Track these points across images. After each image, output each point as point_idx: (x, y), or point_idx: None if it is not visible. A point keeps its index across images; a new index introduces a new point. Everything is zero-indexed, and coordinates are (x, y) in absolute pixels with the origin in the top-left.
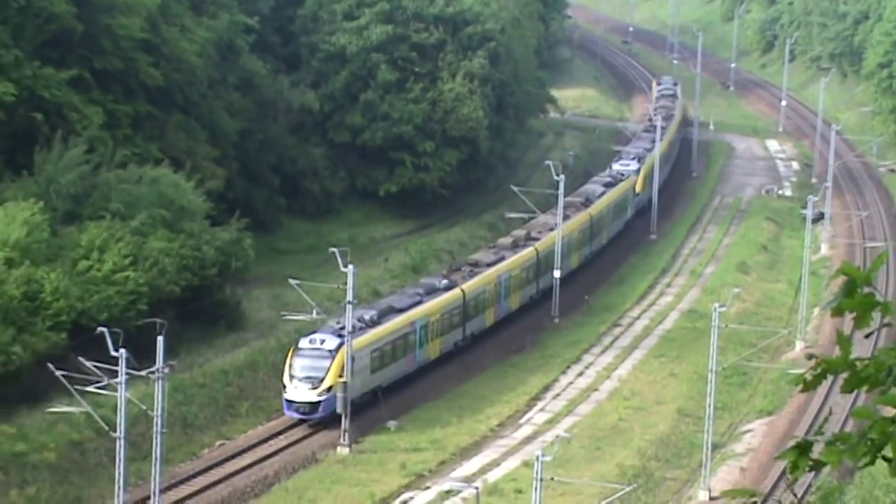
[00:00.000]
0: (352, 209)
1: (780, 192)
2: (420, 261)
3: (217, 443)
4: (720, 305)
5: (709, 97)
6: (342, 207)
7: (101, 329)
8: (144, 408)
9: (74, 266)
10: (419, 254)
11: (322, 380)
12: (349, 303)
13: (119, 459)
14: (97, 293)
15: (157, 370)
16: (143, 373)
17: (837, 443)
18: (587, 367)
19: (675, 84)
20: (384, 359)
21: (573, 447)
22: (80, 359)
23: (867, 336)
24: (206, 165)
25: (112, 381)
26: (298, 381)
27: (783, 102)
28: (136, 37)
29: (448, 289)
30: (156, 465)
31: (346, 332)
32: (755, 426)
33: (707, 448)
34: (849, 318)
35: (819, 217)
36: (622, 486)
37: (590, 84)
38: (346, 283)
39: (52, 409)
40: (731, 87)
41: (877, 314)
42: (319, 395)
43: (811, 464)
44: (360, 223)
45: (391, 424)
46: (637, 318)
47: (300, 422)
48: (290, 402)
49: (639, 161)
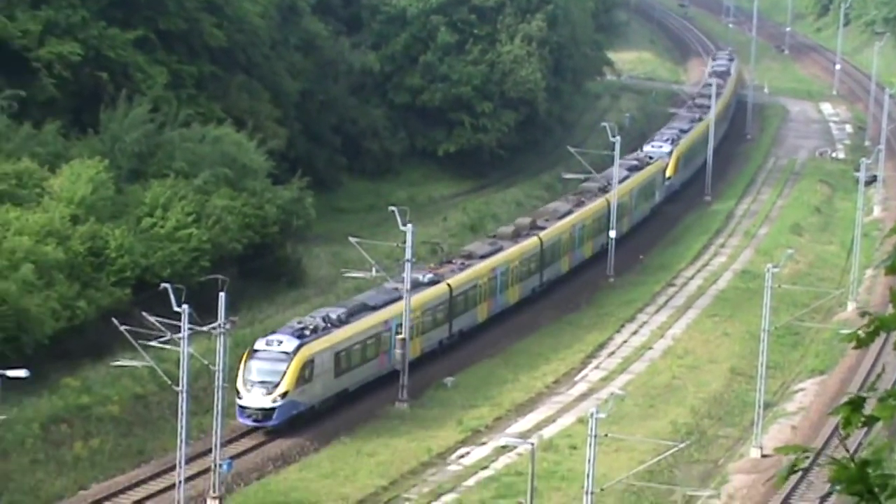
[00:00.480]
0: (411, 169)
1: (834, 155)
2: (478, 220)
3: None
4: (773, 266)
5: (764, 61)
6: (401, 167)
7: (165, 285)
8: (206, 362)
9: (138, 223)
10: (476, 213)
11: (277, 385)
12: (408, 261)
13: (181, 413)
14: (161, 250)
15: (219, 326)
16: (206, 328)
17: (890, 398)
18: (641, 326)
19: (731, 59)
20: (351, 361)
21: (627, 404)
22: (144, 314)
23: None
24: (269, 125)
25: (175, 337)
26: (253, 386)
27: (837, 66)
28: None
29: (433, 283)
30: (217, 419)
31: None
32: (807, 385)
33: (759, 406)
34: None
35: (872, 179)
36: (675, 443)
37: (646, 47)
38: (405, 242)
39: (116, 363)
40: (786, 51)
41: None
42: (274, 402)
43: (864, 419)
44: (419, 183)
45: (448, 381)
46: (691, 278)
47: None
48: (244, 409)
49: (672, 143)
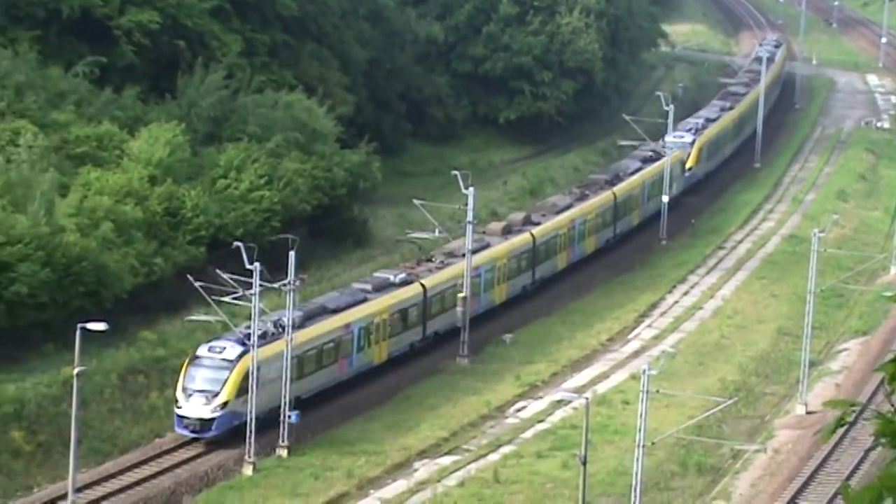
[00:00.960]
0: (473, 135)
1: (879, 125)
2: (537, 184)
3: None
4: (819, 231)
5: (813, 33)
6: (464, 133)
7: (237, 244)
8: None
9: (213, 184)
10: (535, 178)
11: (217, 394)
12: (469, 223)
13: (253, 366)
14: (234, 210)
15: (289, 283)
16: (276, 285)
17: None
18: (692, 287)
19: (777, 46)
20: (304, 367)
21: (678, 362)
22: (218, 271)
23: None
24: (338, 92)
25: (246, 293)
26: (192, 395)
27: (883, 39)
28: None
29: (404, 284)
30: (287, 371)
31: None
32: (850, 345)
33: (804, 365)
34: None
35: None
36: (723, 400)
37: (699, 20)
38: (467, 205)
39: (191, 318)
40: (834, 25)
41: None
42: (213, 412)
43: None
44: (481, 148)
45: (507, 338)
46: (740, 242)
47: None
48: (181, 419)
49: (695, 133)
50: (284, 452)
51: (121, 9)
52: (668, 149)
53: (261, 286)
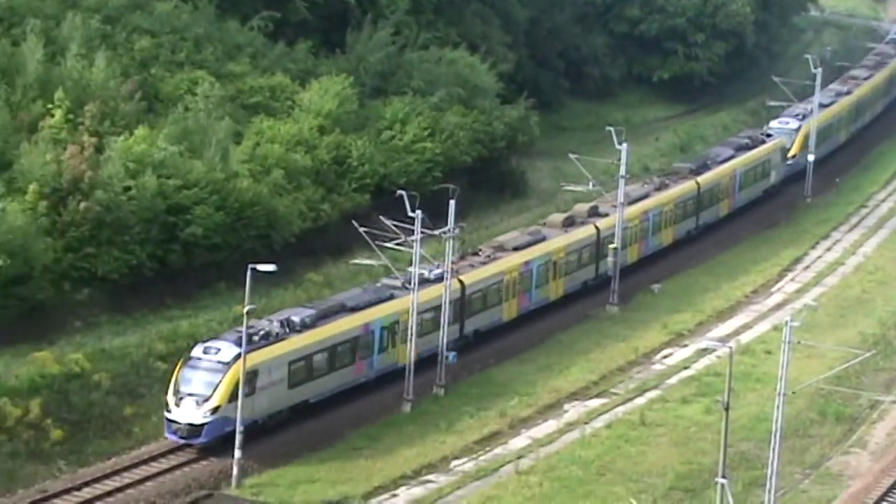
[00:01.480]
0: (628, 93)
1: None
2: (688, 141)
3: None
4: None
5: None
6: (619, 91)
7: (401, 192)
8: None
9: (379, 135)
10: (686, 135)
11: (208, 398)
12: (622, 177)
13: (412, 308)
14: (398, 160)
15: (449, 230)
16: (436, 232)
17: None
18: (835, 243)
19: None
20: (312, 370)
21: (819, 315)
22: (381, 217)
23: None
24: (499, 49)
25: (408, 239)
26: (183, 398)
27: None
28: None
29: (440, 280)
30: (445, 317)
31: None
32: None
33: None
34: None
35: None
36: (862, 352)
37: None
38: (620, 159)
39: (355, 261)
40: None
41: None
42: (204, 417)
43: None
44: (635, 106)
45: (655, 288)
46: (883, 201)
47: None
48: (171, 423)
49: (801, 119)
50: (441, 392)
51: None
52: (772, 135)
53: (422, 233)
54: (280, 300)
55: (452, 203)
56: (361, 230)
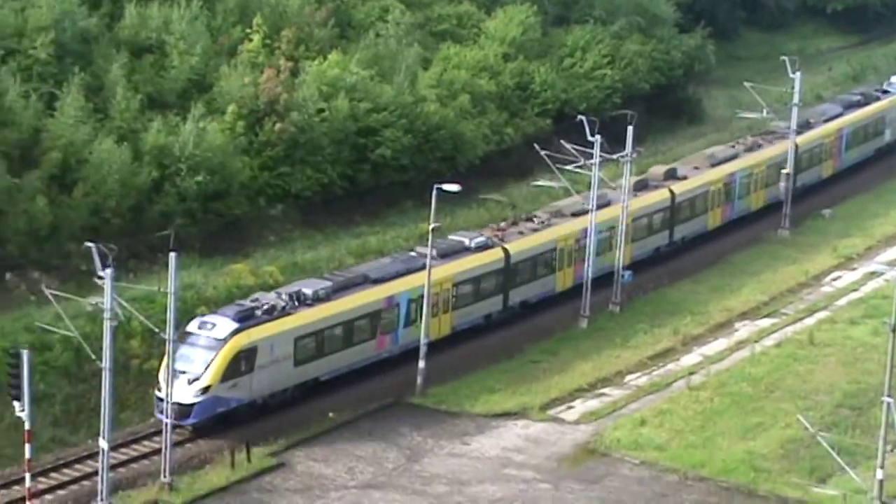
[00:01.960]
0: (802, 23)
1: None
2: (860, 71)
3: None
4: None
5: None
6: (794, 21)
7: (581, 117)
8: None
9: (560, 62)
10: (859, 65)
11: (199, 377)
12: (795, 105)
13: (590, 225)
14: (578, 87)
15: (626, 154)
16: (614, 156)
17: None
18: None
19: None
20: (325, 346)
21: None
22: (562, 142)
23: None
24: None
25: (587, 162)
26: (174, 376)
27: None
28: None
29: (483, 248)
30: (621, 239)
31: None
32: None
33: None
34: None
35: None
36: None
37: None
38: (793, 88)
39: (536, 183)
40: None
41: None
42: (194, 397)
43: None
44: (809, 36)
45: (826, 213)
46: None
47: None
48: (160, 402)
49: None
50: (617, 309)
51: None
52: (890, 91)
53: (601, 157)
54: (464, 219)
55: (630, 128)
56: (543, 153)
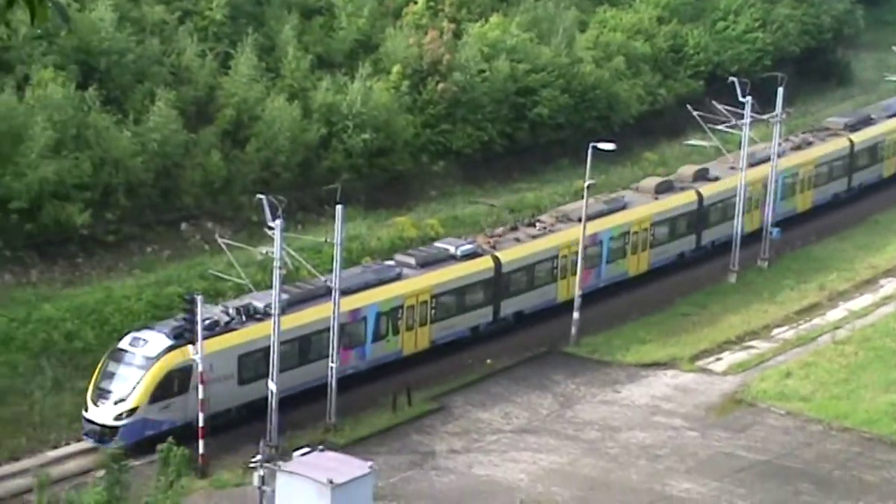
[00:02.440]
0: None
1: None
2: None
3: None
4: None
5: None
6: None
7: (732, 79)
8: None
9: (713, 25)
10: None
11: (125, 398)
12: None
13: (740, 189)
14: (730, 49)
15: (776, 115)
16: (764, 117)
17: None
18: None
19: None
20: (282, 361)
21: None
22: (713, 102)
23: None
24: None
25: (738, 123)
26: (101, 396)
27: None
28: None
29: (469, 256)
30: (768, 200)
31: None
32: None
33: None
34: None
35: None
36: None
37: None
38: None
39: (688, 143)
40: None
41: None
42: (118, 420)
43: None
44: None
45: None
46: None
47: None
48: (88, 422)
49: None
50: (765, 265)
51: None
52: None
53: (751, 117)
54: (618, 176)
55: (780, 90)
56: (695, 114)
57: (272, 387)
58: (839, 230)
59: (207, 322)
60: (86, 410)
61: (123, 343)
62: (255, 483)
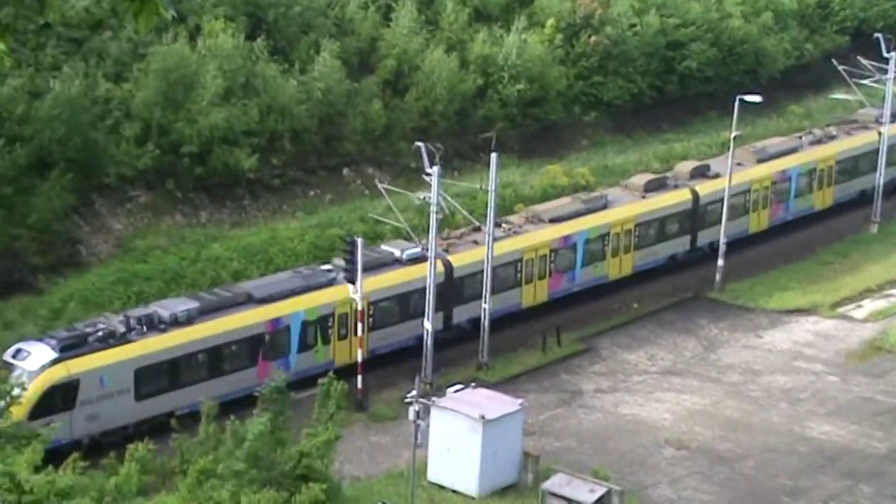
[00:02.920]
0: None
1: None
2: None
3: None
4: None
5: None
6: None
7: (877, 34)
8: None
9: None
10: None
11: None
12: None
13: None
14: (877, 5)
15: None
16: None
17: None
18: None
19: None
20: (179, 377)
21: None
22: (859, 58)
23: None
24: None
25: (882, 77)
26: None
27: None
28: None
29: (417, 260)
30: (883, 177)
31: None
32: None
33: None
34: None
35: None
36: None
37: None
38: None
39: (833, 96)
40: None
41: None
42: None
43: None
44: None
45: None
46: None
47: None
48: None
49: None
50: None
51: None
52: None
53: (895, 73)
54: (763, 128)
55: None
56: (840, 68)
57: (427, 326)
58: None
59: (102, 333)
60: None
61: (7, 355)
62: (411, 417)
